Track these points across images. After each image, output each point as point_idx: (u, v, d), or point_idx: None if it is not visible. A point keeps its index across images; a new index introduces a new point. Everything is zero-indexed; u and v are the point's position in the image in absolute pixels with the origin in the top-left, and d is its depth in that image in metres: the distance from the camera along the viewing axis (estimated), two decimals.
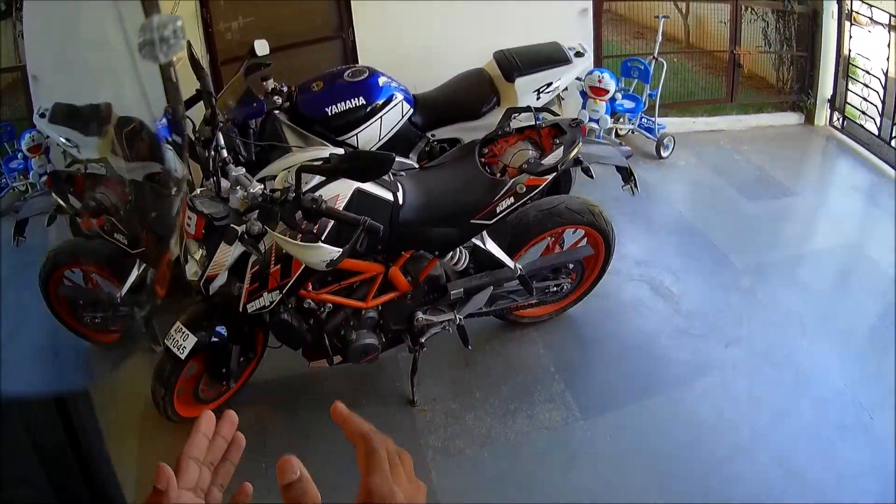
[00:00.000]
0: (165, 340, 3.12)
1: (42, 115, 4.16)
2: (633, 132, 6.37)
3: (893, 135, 6.57)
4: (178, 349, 3.08)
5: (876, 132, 6.80)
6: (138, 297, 3.09)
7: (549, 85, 4.58)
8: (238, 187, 2.86)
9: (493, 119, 4.28)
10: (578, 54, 4.71)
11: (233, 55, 5.24)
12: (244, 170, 2.96)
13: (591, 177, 3.60)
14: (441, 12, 5.73)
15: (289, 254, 2.91)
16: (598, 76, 5.64)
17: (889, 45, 6.68)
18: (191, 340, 3.08)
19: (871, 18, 6.91)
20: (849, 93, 7.26)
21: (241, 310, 3.06)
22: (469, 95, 4.61)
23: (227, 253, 2.90)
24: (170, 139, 3.08)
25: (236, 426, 1.00)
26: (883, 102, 6.77)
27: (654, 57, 6.28)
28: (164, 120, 3.23)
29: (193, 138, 3.40)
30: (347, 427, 0.83)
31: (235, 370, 3.39)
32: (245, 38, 5.30)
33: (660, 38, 6.36)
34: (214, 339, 3.19)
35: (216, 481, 0.96)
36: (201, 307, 3.20)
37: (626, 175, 3.75)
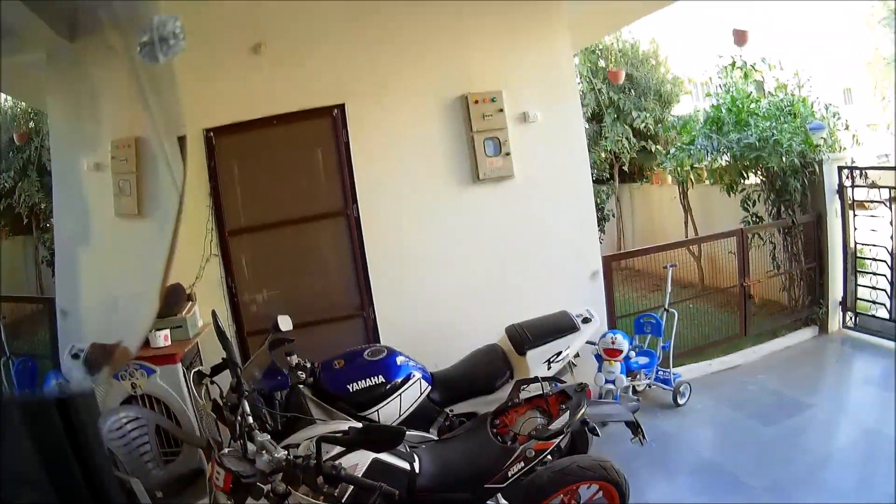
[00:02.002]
0: None
1: (76, 357, 4.36)
2: (650, 387, 6.46)
3: None
4: None
5: (887, 316, 6.98)
6: None
7: (558, 354, 4.77)
8: (263, 451, 3.09)
9: (506, 392, 4.46)
10: (586, 320, 4.95)
11: (258, 327, 5.55)
12: (269, 436, 3.20)
13: (598, 435, 3.84)
14: (454, 288, 6.07)
15: None
16: (612, 338, 5.85)
17: (891, 222, 6.93)
18: None
19: (879, 201, 7.21)
20: (858, 288, 7.45)
21: None
22: (484, 371, 4.79)
23: None
24: None
25: None
26: (891, 284, 6.97)
27: (665, 309, 6.53)
28: None
29: (221, 403, 3.71)
30: None
31: None
32: (270, 310, 5.66)
33: (669, 288, 6.63)
34: None
35: None
36: None
37: (634, 428, 3.93)
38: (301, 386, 4.41)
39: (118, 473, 4.37)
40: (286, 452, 3.10)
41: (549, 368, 4.74)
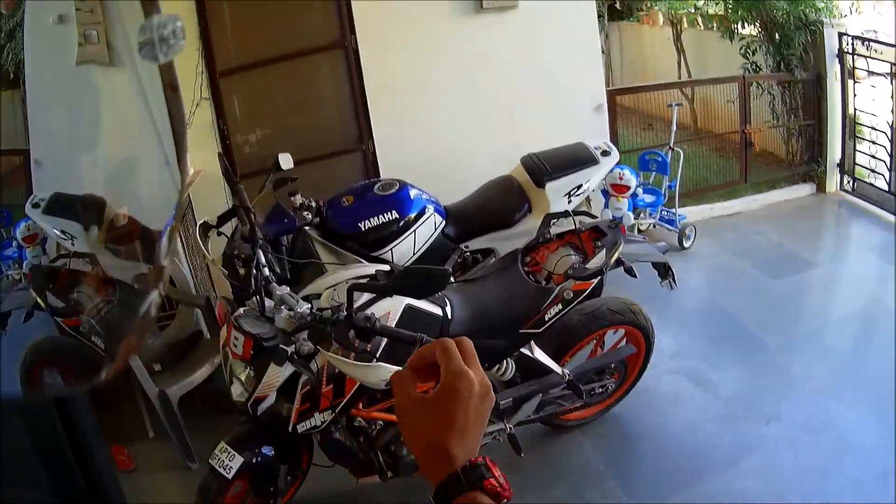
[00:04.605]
0: (210, 460, 3.01)
1: (36, 206, 4.13)
2: (654, 226, 6.39)
3: None
4: (225, 469, 2.97)
5: (886, 188, 6.98)
6: None
7: (579, 187, 4.52)
8: (283, 307, 2.79)
9: (525, 226, 4.30)
10: (605, 153, 4.65)
11: (252, 169, 5.21)
12: (288, 288, 2.90)
13: (634, 276, 3.56)
14: (457, 120, 5.77)
15: (341, 373, 2.87)
16: (619, 173, 5.65)
17: (892, 96, 6.83)
18: (237, 461, 2.97)
19: (869, 71, 7.08)
20: (857, 153, 7.40)
21: (290, 430, 3.00)
22: (500, 204, 4.54)
23: (278, 374, 2.83)
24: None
25: None
26: (891, 156, 6.92)
27: (670, 147, 6.36)
28: None
29: (234, 255, 3.39)
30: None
31: (283, 489, 3.29)
32: (263, 151, 5.37)
33: (674, 127, 6.43)
34: (261, 459, 3.10)
35: None
36: (246, 427, 3.11)
37: (664, 270, 3.72)
38: (307, 228, 4.12)
39: None
40: (309, 305, 2.77)
41: (569, 202, 4.48)
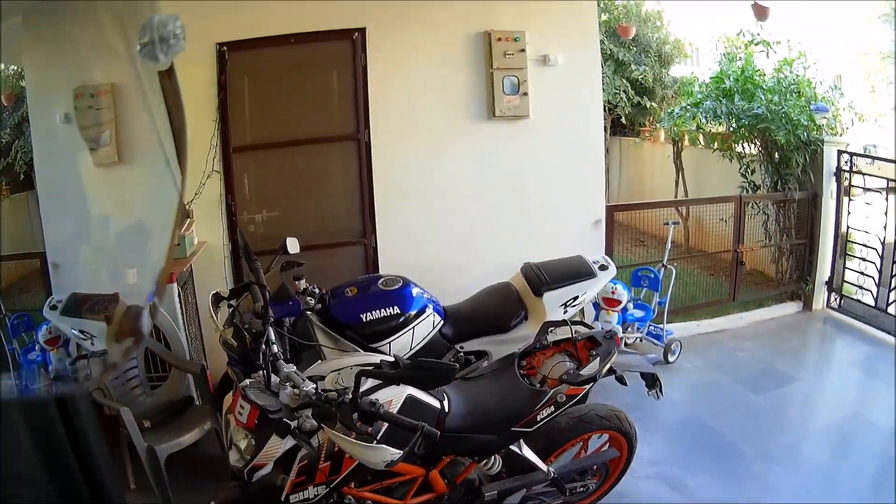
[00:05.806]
0: None
1: (53, 308, 4.25)
2: (640, 340, 6.48)
3: (890, 301, 6.83)
4: None
5: (873, 303, 7.10)
6: None
7: (575, 298, 4.69)
8: (288, 384, 2.92)
9: (520, 333, 4.46)
10: (603, 267, 4.86)
11: (255, 249, 5.29)
12: (294, 367, 3.05)
13: (625, 384, 3.71)
14: (459, 223, 5.99)
15: (340, 452, 2.97)
16: (612, 288, 5.77)
17: (886, 213, 6.97)
18: None
19: (865, 188, 7.27)
20: (846, 271, 7.53)
21: (283, 500, 3.07)
22: (498, 310, 4.69)
23: (278, 446, 2.94)
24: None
25: None
26: (880, 272, 7.06)
27: (663, 265, 6.50)
28: None
29: (243, 329, 3.52)
30: None
31: None
32: (268, 232, 5.54)
33: (669, 245, 6.60)
34: None
35: None
36: (237, 491, 3.18)
37: (652, 381, 3.83)
38: (309, 312, 4.26)
39: (105, 401, 4.21)
40: (314, 385, 2.92)
41: (564, 312, 4.65)
